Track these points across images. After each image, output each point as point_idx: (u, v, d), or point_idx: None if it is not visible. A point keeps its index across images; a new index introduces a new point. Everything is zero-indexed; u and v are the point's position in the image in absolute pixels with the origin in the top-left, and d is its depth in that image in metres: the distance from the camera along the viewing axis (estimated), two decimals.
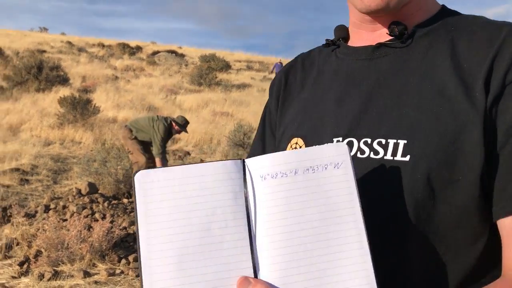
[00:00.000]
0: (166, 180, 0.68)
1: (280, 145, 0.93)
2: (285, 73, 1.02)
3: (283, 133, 0.94)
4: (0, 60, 20.17)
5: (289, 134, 0.91)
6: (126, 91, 16.97)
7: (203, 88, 20.64)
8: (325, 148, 0.70)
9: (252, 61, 39.49)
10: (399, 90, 0.79)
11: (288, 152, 0.71)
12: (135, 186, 0.68)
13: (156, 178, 0.68)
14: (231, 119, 13.07)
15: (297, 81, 0.98)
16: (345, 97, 0.85)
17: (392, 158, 0.75)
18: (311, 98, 0.92)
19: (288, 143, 0.90)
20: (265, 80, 27.09)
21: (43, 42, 34.29)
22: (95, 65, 24.22)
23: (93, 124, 10.91)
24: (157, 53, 33.84)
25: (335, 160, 0.70)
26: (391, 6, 0.78)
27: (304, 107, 0.92)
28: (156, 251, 0.66)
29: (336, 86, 0.88)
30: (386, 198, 0.75)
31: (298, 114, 0.92)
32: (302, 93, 0.95)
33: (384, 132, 0.77)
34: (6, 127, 10.37)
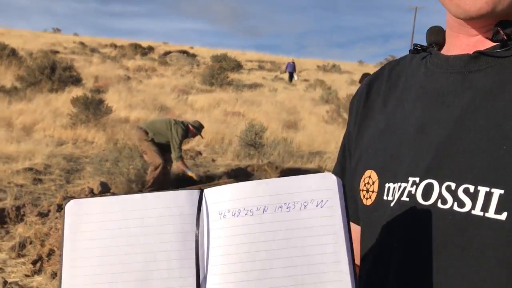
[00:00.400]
0: (102, 213, 0.55)
1: (355, 176, 0.77)
2: (368, 85, 0.84)
3: (358, 161, 0.78)
4: (14, 61, 20.35)
5: (363, 164, 0.76)
6: (138, 91, 17.04)
7: (215, 88, 20.66)
8: (306, 180, 0.54)
9: (263, 61, 39.48)
10: (498, 118, 0.60)
11: (257, 182, 0.55)
12: (64, 217, 0.56)
13: (89, 211, 0.55)
14: (242, 119, 13.07)
15: (380, 95, 0.80)
16: (429, 123, 0.67)
17: (482, 214, 0.57)
18: (390, 121, 0.74)
19: (362, 176, 0.74)
20: (276, 79, 27.07)
21: (56, 43, 34.58)
22: (108, 66, 24.35)
23: (105, 124, 10.97)
24: (169, 54, 33.96)
25: (318, 197, 0.53)
26: (498, 11, 0.60)
27: (382, 131, 0.75)
28: None
29: (421, 108, 0.69)
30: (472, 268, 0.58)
31: (375, 139, 0.76)
32: (383, 112, 0.77)
33: (474, 175, 0.58)
34: (20, 127, 10.46)
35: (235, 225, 0.53)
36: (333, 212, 0.52)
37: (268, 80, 26.73)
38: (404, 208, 0.63)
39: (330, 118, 13.64)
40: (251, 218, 0.53)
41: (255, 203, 0.53)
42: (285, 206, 0.53)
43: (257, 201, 0.53)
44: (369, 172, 0.73)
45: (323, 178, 0.54)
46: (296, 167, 8.56)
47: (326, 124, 13.45)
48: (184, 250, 0.53)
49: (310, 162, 9.00)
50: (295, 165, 8.71)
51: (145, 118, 12.40)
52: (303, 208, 0.53)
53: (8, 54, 21.02)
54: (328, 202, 0.53)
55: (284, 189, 0.54)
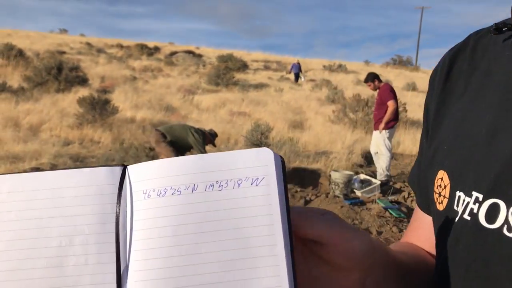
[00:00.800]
0: (10, 192, 0.49)
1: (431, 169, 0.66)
2: (450, 59, 0.68)
3: (434, 154, 0.66)
4: (21, 61, 20.45)
5: (437, 161, 0.64)
6: (144, 92, 17.07)
7: (221, 88, 20.67)
8: (241, 155, 0.48)
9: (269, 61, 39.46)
10: None
11: (187, 158, 0.48)
12: None
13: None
14: (248, 119, 13.06)
15: (463, 76, 0.65)
16: (502, 127, 0.54)
17: None
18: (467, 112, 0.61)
19: (436, 175, 0.63)
20: (282, 80, 27.04)
21: (63, 44, 34.71)
22: (114, 66, 24.42)
23: (111, 124, 11.00)
24: (175, 54, 34.03)
25: (254, 174, 0.47)
26: None
27: (458, 124, 0.62)
28: None
29: (497, 105, 0.56)
30: None
31: (450, 132, 0.63)
32: (462, 99, 0.64)
33: None
34: (27, 127, 10.50)
35: (160, 205, 0.47)
36: (270, 191, 0.46)
37: (274, 80, 26.71)
38: (465, 229, 0.55)
39: (336, 118, 13.61)
40: (179, 198, 0.47)
41: (183, 181, 0.47)
42: (217, 184, 0.47)
43: (186, 179, 0.47)
44: (441, 173, 0.62)
45: (258, 153, 0.48)
46: (302, 166, 8.54)
47: (332, 124, 13.42)
48: (104, 234, 0.47)
49: (316, 162, 8.98)
50: (301, 165, 8.69)
51: (151, 118, 12.43)
52: (236, 186, 0.47)
53: (16, 55, 21.13)
54: (264, 180, 0.47)
55: (217, 165, 0.47)
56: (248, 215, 0.46)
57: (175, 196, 0.47)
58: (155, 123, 11.96)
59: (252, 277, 0.45)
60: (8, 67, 19.19)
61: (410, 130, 13.32)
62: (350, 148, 10.13)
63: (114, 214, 0.48)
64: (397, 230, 5.27)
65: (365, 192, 7.03)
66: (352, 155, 9.65)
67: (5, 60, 20.59)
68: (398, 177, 8.54)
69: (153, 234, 0.46)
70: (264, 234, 0.46)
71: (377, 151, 7.96)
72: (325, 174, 7.99)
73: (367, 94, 14.42)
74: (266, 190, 0.47)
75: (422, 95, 24.81)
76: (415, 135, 12.65)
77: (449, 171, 0.60)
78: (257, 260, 0.45)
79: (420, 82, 29.30)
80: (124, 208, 0.48)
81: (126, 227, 0.48)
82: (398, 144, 11.67)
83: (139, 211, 0.48)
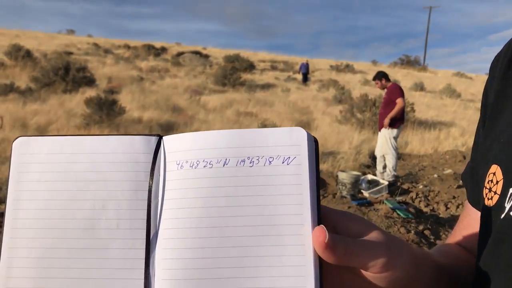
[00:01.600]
0: (50, 154, 0.51)
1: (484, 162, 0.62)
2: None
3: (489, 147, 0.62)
4: (29, 62, 20.55)
5: (492, 154, 0.60)
6: (151, 92, 17.10)
7: (227, 89, 20.67)
8: (274, 133, 0.48)
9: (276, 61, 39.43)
10: None
11: (220, 132, 0.49)
12: (11, 155, 0.51)
13: (37, 150, 0.51)
14: (255, 119, 13.04)
15: None
16: None
17: None
18: None
19: (488, 169, 0.60)
20: (289, 80, 27.00)
21: (70, 44, 34.87)
22: (121, 67, 24.49)
23: (118, 125, 11.02)
24: (182, 54, 34.08)
25: (286, 153, 0.47)
26: None
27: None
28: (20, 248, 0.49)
29: None
30: None
31: (509, 125, 0.59)
32: None
33: None
34: (34, 127, 10.54)
35: (192, 177, 0.48)
36: (300, 171, 0.47)
37: (281, 80, 26.68)
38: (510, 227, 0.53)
39: (344, 118, 13.56)
40: (210, 170, 0.48)
41: (216, 154, 0.48)
42: (248, 160, 0.48)
43: (218, 153, 0.48)
44: (494, 167, 0.58)
45: (291, 131, 0.48)
46: None
47: (339, 124, 13.38)
48: (136, 200, 0.49)
49: (323, 163, 8.94)
50: None
51: (158, 118, 12.44)
52: (267, 163, 0.47)
53: (23, 56, 21.24)
54: (296, 160, 0.47)
55: (249, 141, 0.48)
56: (277, 193, 0.46)
57: (206, 169, 0.48)
58: (162, 123, 11.97)
59: (276, 254, 0.45)
60: (16, 68, 19.29)
61: (417, 130, 13.25)
62: (357, 149, 10.08)
63: (147, 182, 0.49)
64: (405, 231, 5.22)
65: (373, 192, 6.99)
66: (360, 155, 9.60)
67: (13, 61, 20.71)
68: (406, 178, 8.49)
69: (183, 204, 0.48)
70: (292, 213, 0.46)
71: (382, 154, 7.90)
72: (332, 175, 7.96)
73: (374, 94, 14.36)
74: (297, 170, 0.47)
75: (430, 95, 24.71)
76: (422, 135, 12.58)
77: (503, 166, 0.56)
78: (283, 238, 0.45)
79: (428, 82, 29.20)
80: (157, 177, 0.50)
81: (158, 195, 0.49)
82: (406, 145, 11.61)
83: (171, 181, 0.49)
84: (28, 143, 0.51)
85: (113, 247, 0.48)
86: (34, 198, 0.50)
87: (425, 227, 5.57)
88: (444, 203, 6.92)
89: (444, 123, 15.11)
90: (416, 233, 5.27)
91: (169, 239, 0.47)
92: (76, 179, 0.50)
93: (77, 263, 0.48)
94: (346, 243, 0.46)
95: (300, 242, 0.46)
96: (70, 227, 0.49)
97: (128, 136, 0.51)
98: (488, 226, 0.58)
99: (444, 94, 25.05)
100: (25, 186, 0.50)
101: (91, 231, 0.48)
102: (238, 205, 0.47)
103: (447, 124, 14.97)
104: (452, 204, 6.91)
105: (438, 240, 5.38)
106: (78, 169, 0.50)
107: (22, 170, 0.51)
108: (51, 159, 0.51)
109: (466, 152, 10.50)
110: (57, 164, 0.50)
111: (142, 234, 0.48)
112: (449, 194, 7.37)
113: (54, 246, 0.48)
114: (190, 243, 0.46)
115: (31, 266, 0.48)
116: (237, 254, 0.46)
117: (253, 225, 0.46)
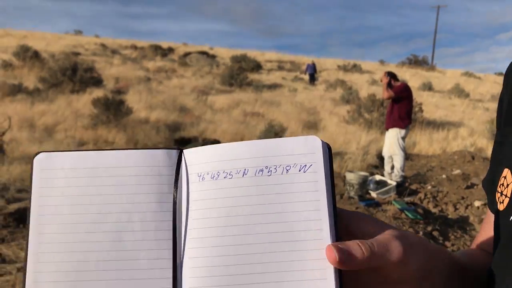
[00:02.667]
0: (74, 169, 0.51)
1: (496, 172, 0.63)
2: None
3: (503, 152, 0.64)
4: (37, 62, 20.65)
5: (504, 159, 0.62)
6: (158, 92, 17.13)
7: (234, 89, 20.67)
8: (290, 142, 0.51)
9: (283, 61, 39.40)
10: None
11: (238, 143, 0.52)
12: (32, 170, 0.51)
13: (60, 165, 0.51)
14: (262, 119, 13.02)
15: None
16: None
17: None
18: None
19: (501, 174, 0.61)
20: (296, 80, 26.98)
21: (78, 45, 35.02)
22: (128, 67, 24.56)
23: (126, 125, 11.03)
24: (189, 55, 34.12)
25: (302, 161, 0.50)
26: None
27: None
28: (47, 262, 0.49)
29: None
30: None
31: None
32: None
33: None
34: (42, 127, 10.58)
35: (214, 188, 0.51)
36: (317, 178, 0.50)
37: (288, 80, 26.65)
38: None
39: (351, 118, 13.51)
40: (230, 181, 0.50)
41: (235, 165, 0.51)
42: (266, 169, 0.50)
43: (237, 164, 0.51)
44: (506, 171, 0.59)
45: (306, 140, 0.51)
46: None
47: (347, 124, 13.33)
48: (161, 212, 0.51)
49: None
50: None
51: (165, 118, 12.45)
52: (285, 172, 0.50)
53: (31, 56, 21.35)
54: (312, 167, 0.50)
55: (266, 151, 0.51)
56: (296, 200, 0.49)
57: (227, 180, 0.50)
58: (169, 123, 11.98)
59: (298, 259, 0.47)
60: (24, 69, 19.39)
61: (426, 130, 13.18)
62: (365, 149, 10.03)
63: (171, 194, 0.51)
64: (413, 232, 5.18)
65: (381, 193, 6.95)
66: (367, 155, 9.55)
67: (21, 62, 20.82)
68: (414, 178, 8.44)
69: (207, 214, 0.50)
70: (311, 219, 0.48)
71: (390, 155, 7.85)
72: (339, 175, 7.92)
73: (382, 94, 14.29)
74: (314, 177, 0.49)
75: (438, 95, 24.58)
76: (431, 136, 12.51)
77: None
78: (303, 243, 0.48)
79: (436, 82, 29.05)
80: (180, 189, 0.52)
81: (182, 206, 0.51)
82: (414, 145, 11.54)
83: (194, 192, 0.51)
84: (50, 158, 0.52)
85: (140, 258, 0.49)
86: (58, 212, 0.50)
87: (433, 228, 5.52)
88: (453, 204, 6.86)
89: (452, 123, 15.01)
90: (424, 234, 5.23)
91: (195, 248, 0.49)
92: (100, 193, 0.51)
93: (105, 275, 0.49)
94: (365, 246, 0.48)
95: (320, 246, 0.48)
96: (97, 240, 0.49)
97: (150, 150, 0.53)
98: (499, 229, 0.59)
99: (452, 94, 24.92)
100: (49, 201, 0.50)
101: (118, 243, 0.49)
102: (260, 213, 0.49)
103: (455, 124, 14.88)
104: (460, 205, 6.85)
105: (446, 241, 5.34)
106: (102, 183, 0.51)
107: (45, 185, 0.51)
108: (74, 174, 0.51)
109: (474, 153, 10.42)
110: (80, 179, 0.51)
111: (168, 245, 0.50)
112: (457, 195, 7.31)
113: (82, 259, 0.49)
114: (216, 251, 0.48)
115: (60, 280, 0.48)
116: (260, 260, 0.48)
117: (275, 231, 0.48)
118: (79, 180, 0.51)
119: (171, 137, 10.78)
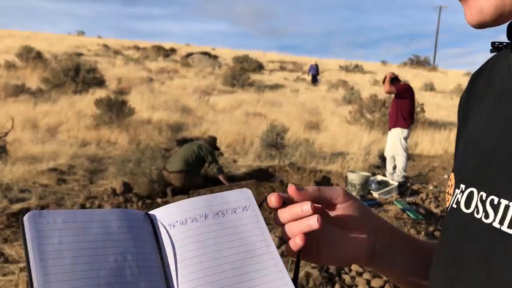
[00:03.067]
0: (64, 222, 0.59)
1: None
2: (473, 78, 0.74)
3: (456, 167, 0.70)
4: (40, 63, 20.71)
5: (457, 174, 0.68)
6: (161, 93, 17.16)
7: (236, 89, 20.69)
8: (231, 194, 0.72)
9: (285, 61, 39.41)
10: None
11: (195, 198, 0.70)
12: (24, 227, 0.56)
13: (52, 220, 0.58)
14: (264, 120, 13.03)
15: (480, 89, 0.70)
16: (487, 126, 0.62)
17: (499, 226, 0.53)
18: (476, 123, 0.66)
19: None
20: (298, 80, 26.99)
21: (80, 46, 35.10)
22: (131, 68, 24.61)
23: (128, 125, 11.06)
24: (191, 55, 34.14)
25: (242, 204, 0.71)
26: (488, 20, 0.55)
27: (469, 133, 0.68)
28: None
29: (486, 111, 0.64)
30: None
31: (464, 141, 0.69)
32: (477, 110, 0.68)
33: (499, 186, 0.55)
34: (45, 128, 10.61)
35: (185, 230, 0.66)
36: (255, 213, 0.70)
37: (290, 80, 26.66)
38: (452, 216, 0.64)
39: (353, 119, 13.52)
40: (197, 223, 0.67)
41: (197, 212, 0.68)
42: (220, 212, 0.69)
43: (199, 211, 0.68)
44: (452, 175, 0.70)
45: (241, 192, 0.72)
46: (318, 168, 8.49)
47: (348, 124, 13.34)
48: (147, 253, 0.63)
49: (332, 163, 8.92)
50: (317, 166, 8.64)
51: (168, 119, 12.48)
52: (233, 213, 0.69)
53: (34, 57, 21.42)
54: (250, 207, 0.71)
55: (217, 201, 0.70)
56: (246, 229, 0.69)
57: (194, 223, 0.67)
58: (171, 124, 12.00)
59: (260, 268, 0.66)
60: (27, 69, 19.44)
61: (428, 130, 13.18)
62: (367, 149, 10.04)
63: (153, 239, 0.65)
64: (415, 232, 5.19)
65: (382, 193, 6.96)
66: (369, 156, 9.56)
67: (24, 62, 20.88)
68: (416, 179, 8.45)
69: (184, 249, 0.65)
70: (260, 240, 0.68)
71: (392, 155, 7.86)
72: (341, 175, 7.93)
73: (384, 94, 14.29)
74: (253, 213, 0.70)
75: (440, 95, 24.56)
76: (433, 136, 12.50)
77: (455, 173, 0.69)
78: (260, 256, 0.67)
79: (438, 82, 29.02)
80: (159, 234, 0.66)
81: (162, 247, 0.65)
82: (416, 145, 11.55)
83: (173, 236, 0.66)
84: (41, 215, 0.59)
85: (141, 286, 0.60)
86: (60, 256, 0.56)
87: (435, 228, 5.53)
88: None
89: (454, 124, 15.00)
90: (426, 234, 5.24)
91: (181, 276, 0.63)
92: (96, 239, 0.60)
93: None
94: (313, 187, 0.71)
95: (272, 256, 0.67)
96: (101, 276, 0.57)
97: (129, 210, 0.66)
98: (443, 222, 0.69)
99: (454, 94, 24.89)
100: (48, 248, 0.56)
101: (120, 277, 0.59)
102: (224, 241, 0.66)
103: None
104: None
105: None
106: (95, 232, 0.60)
107: (41, 235, 0.57)
108: (67, 226, 0.59)
109: None
110: (74, 230, 0.59)
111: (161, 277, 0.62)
112: None
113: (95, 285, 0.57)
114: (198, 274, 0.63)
115: None
116: (233, 274, 0.64)
117: (238, 252, 0.66)
118: (73, 230, 0.59)
119: (173, 137, 10.81)
